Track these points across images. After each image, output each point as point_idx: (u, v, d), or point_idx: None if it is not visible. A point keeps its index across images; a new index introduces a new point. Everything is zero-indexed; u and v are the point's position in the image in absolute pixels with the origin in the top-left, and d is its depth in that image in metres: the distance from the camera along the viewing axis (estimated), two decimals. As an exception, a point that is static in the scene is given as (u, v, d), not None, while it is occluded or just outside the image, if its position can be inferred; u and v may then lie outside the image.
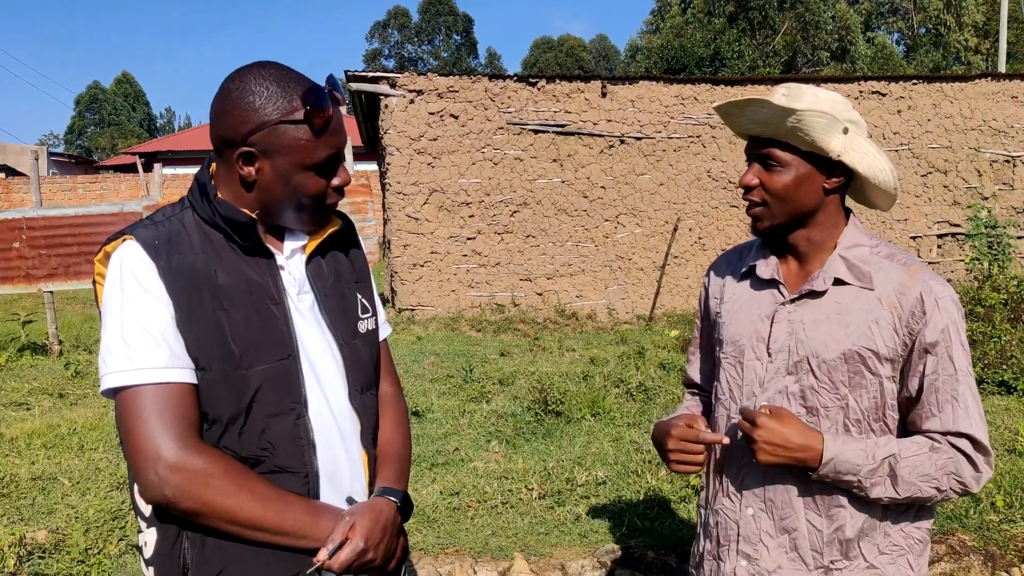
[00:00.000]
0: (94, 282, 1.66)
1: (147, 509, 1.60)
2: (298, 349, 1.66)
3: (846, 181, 1.82)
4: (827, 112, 1.72)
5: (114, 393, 1.55)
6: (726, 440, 1.83)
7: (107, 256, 1.61)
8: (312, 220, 1.71)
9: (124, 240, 1.60)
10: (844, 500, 1.79)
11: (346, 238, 1.88)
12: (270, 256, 1.68)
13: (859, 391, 1.77)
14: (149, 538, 1.61)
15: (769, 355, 1.85)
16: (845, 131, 1.75)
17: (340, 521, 1.61)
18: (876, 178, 1.80)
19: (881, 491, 1.72)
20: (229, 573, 1.58)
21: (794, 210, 1.81)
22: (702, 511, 2.04)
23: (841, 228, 1.86)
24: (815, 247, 1.85)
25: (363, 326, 1.82)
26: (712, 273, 2.11)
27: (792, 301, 1.84)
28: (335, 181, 1.68)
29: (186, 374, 1.55)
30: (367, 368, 1.81)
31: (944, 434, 1.73)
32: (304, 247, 1.74)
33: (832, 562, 1.81)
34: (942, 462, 1.72)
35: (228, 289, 1.60)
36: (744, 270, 1.97)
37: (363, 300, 1.85)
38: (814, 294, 1.82)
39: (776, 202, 1.81)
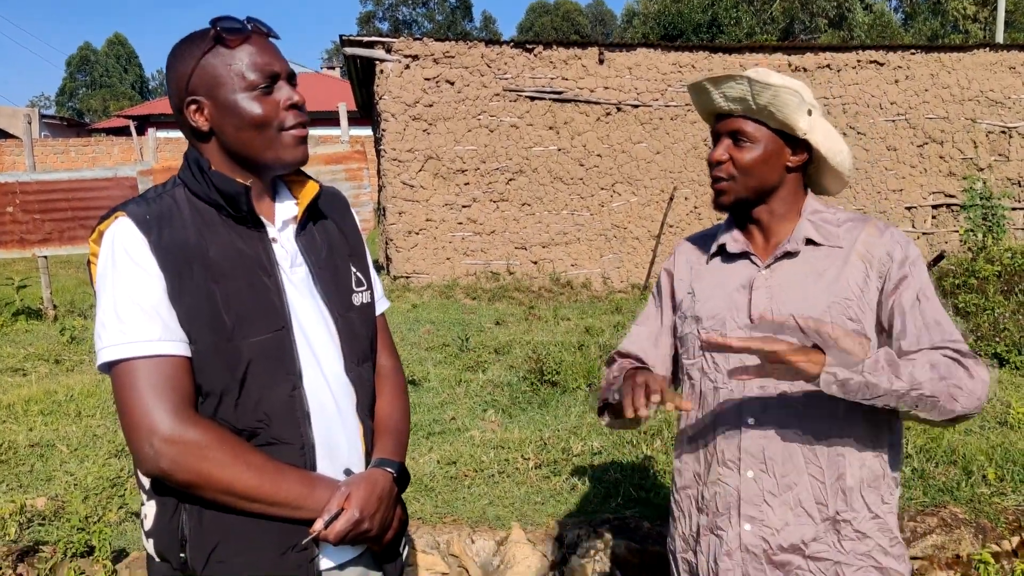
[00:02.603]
0: (88, 262, 1.67)
1: (147, 482, 1.62)
2: (291, 320, 1.67)
3: (807, 160, 1.92)
4: (797, 91, 1.82)
5: (109, 367, 1.56)
6: (688, 406, 1.83)
7: (101, 235, 1.62)
8: (282, 147, 1.68)
9: (116, 217, 1.61)
10: (843, 449, 1.85)
11: (338, 211, 1.89)
12: (261, 227, 1.69)
13: (844, 340, 1.83)
14: (149, 510, 1.63)
15: (751, 321, 1.90)
16: (810, 112, 1.85)
17: (336, 492, 1.63)
18: (834, 159, 1.90)
19: (885, 381, 1.68)
20: (226, 545, 1.60)
21: (759, 184, 1.90)
22: (688, 492, 2.04)
23: (801, 201, 1.97)
24: (778, 219, 1.95)
25: (357, 299, 1.83)
26: (678, 257, 2.17)
27: (768, 267, 1.92)
28: (285, 101, 1.66)
29: (179, 347, 1.56)
30: (362, 340, 1.82)
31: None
32: (295, 217, 1.76)
33: (838, 512, 1.85)
34: (941, 360, 1.73)
35: (219, 262, 1.61)
36: (713, 250, 2.04)
37: (357, 273, 1.86)
38: (789, 255, 1.91)
39: (743, 176, 1.90)
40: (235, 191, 1.63)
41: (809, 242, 1.90)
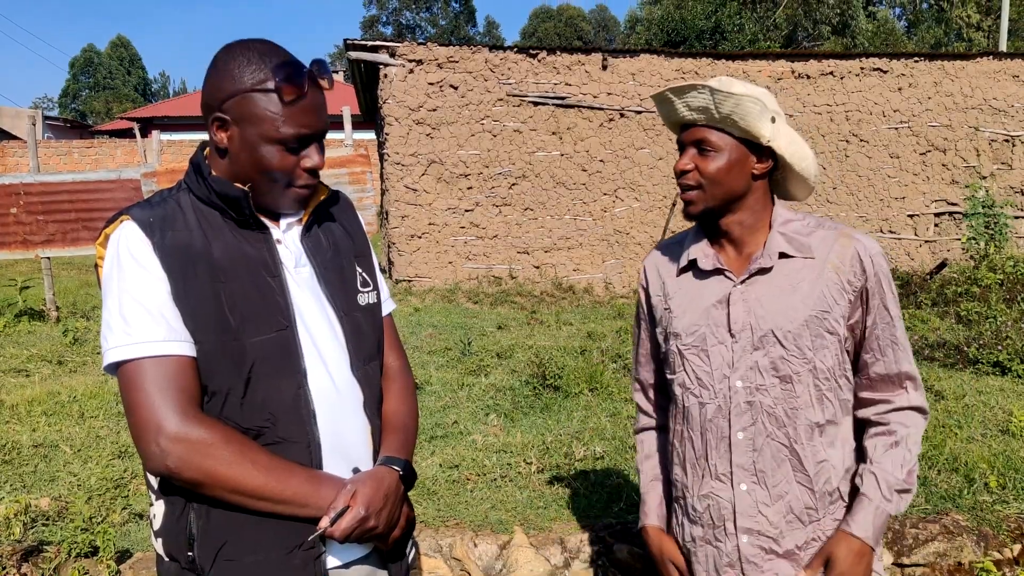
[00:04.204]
0: (96, 265, 1.69)
1: (155, 482, 1.64)
2: (295, 320, 1.68)
3: (773, 167, 1.94)
4: (759, 99, 1.84)
5: (116, 368, 1.58)
6: None
7: (107, 239, 1.64)
8: (283, 198, 1.71)
9: (121, 221, 1.63)
10: (825, 455, 1.91)
11: (344, 213, 1.91)
12: (264, 229, 1.71)
13: (823, 352, 1.89)
14: (158, 510, 1.65)
15: (732, 336, 1.93)
16: (773, 120, 1.87)
17: (342, 489, 1.64)
18: (798, 165, 1.92)
19: (908, 502, 1.92)
20: (233, 544, 1.61)
21: (726, 193, 1.91)
22: (681, 503, 2.07)
23: (770, 211, 1.98)
24: (748, 230, 1.96)
25: (363, 299, 1.85)
26: (648, 271, 2.18)
27: (743, 282, 1.94)
28: (305, 162, 1.68)
29: (184, 347, 1.58)
30: (368, 340, 1.83)
31: (887, 376, 1.94)
32: (300, 219, 1.77)
33: (824, 515, 1.92)
34: (906, 437, 1.93)
35: (224, 263, 1.63)
36: (684, 264, 2.05)
37: (363, 274, 1.88)
38: (763, 271, 1.93)
39: (710, 185, 1.91)
40: (235, 195, 1.65)
41: (782, 255, 1.92)
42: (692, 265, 2.03)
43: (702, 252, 2.00)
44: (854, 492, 1.93)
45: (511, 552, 3.65)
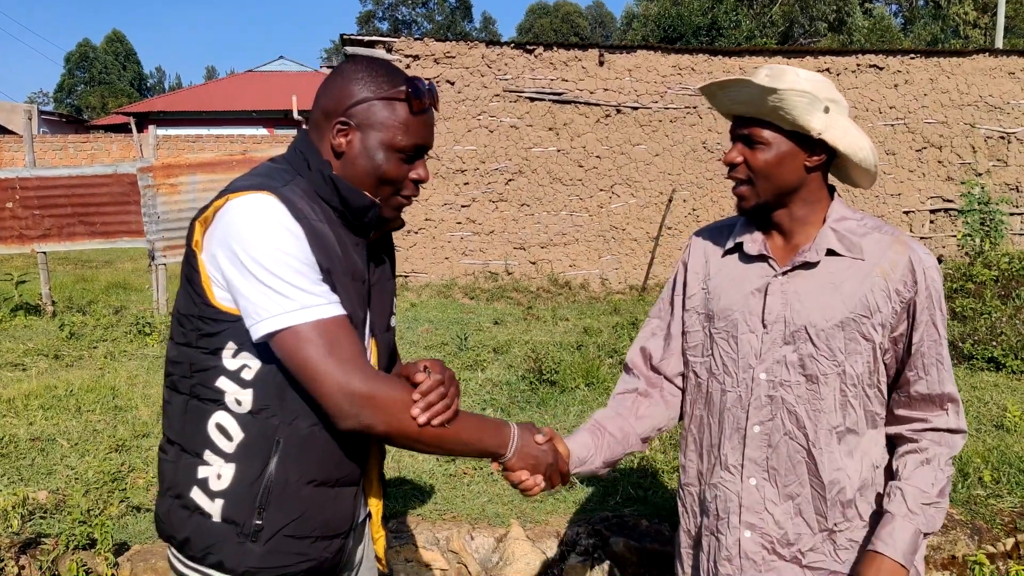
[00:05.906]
0: (189, 234, 1.66)
1: (228, 446, 1.65)
2: (366, 331, 1.76)
3: (827, 159, 1.87)
4: (808, 91, 1.77)
5: (275, 334, 1.57)
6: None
7: (227, 202, 1.61)
8: (385, 206, 1.76)
9: (260, 193, 1.61)
10: (841, 464, 1.85)
11: (388, 238, 1.96)
12: (366, 238, 1.77)
13: (854, 357, 1.83)
14: (224, 472, 1.65)
15: (764, 326, 1.88)
16: (826, 110, 1.80)
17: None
18: (856, 156, 1.85)
19: (940, 520, 1.84)
20: (303, 521, 1.67)
21: (777, 187, 1.86)
22: (691, 490, 2.05)
23: (825, 204, 1.91)
24: (799, 222, 1.90)
25: (392, 321, 1.93)
26: (693, 248, 2.12)
27: (785, 273, 1.88)
28: (413, 174, 1.76)
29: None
30: (389, 360, 1.91)
31: (928, 396, 1.85)
32: (370, 237, 1.81)
33: (835, 524, 1.86)
34: (938, 455, 1.85)
35: (342, 261, 1.68)
36: (730, 246, 2.00)
37: (394, 296, 1.95)
38: (807, 265, 1.87)
39: (760, 179, 1.85)
40: (366, 204, 1.70)
41: (830, 252, 1.85)
42: (738, 248, 1.98)
43: (750, 237, 1.95)
44: (882, 513, 1.87)
45: (508, 545, 3.66)
